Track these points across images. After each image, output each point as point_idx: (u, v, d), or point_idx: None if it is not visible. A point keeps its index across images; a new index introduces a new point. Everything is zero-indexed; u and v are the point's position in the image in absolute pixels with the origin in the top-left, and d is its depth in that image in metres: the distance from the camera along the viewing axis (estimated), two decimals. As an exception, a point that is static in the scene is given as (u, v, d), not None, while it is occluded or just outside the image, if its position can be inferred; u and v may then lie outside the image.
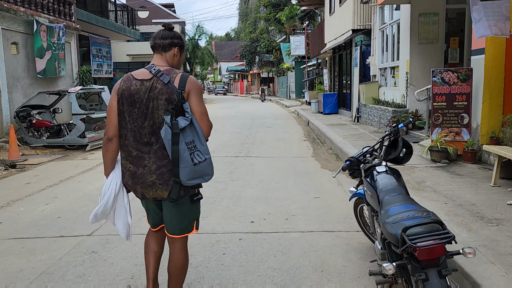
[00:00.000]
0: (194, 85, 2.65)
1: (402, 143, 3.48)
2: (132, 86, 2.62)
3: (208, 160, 2.59)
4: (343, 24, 15.89)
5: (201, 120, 2.61)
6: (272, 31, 45.51)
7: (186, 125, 2.54)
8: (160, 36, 2.74)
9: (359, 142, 9.52)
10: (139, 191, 2.70)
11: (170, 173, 2.59)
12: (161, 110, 2.57)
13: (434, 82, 7.17)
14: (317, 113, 19.13)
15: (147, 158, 2.63)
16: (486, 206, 4.53)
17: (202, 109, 2.64)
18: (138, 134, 2.63)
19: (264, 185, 6.74)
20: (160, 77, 2.59)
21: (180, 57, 2.81)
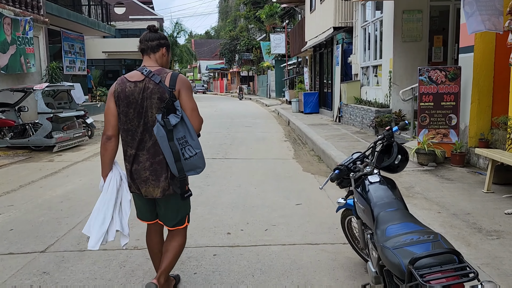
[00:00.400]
0: (184, 83, 2.77)
1: (397, 148, 3.07)
2: (127, 88, 2.74)
3: (199, 154, 2.72)
4: (324, 21, 15.54)
5: (192, 116, 2.74)
6: (252, 29, 45.05)
7: (177, 122, 2.65)
8: (147, 38, 2.85)
9: (341, 143, 9.16)
10: (134, 186, 2.84)
11: (162, 170, 2.74)
12: (154, 109, 2.70)
13: (421, 81, 6.83)
14: (297, 112, 18.77)
15: (141, 155, 2.77)
16: (483, 216, 4.17)
17: (192, 106, 2.76)
18: (134, 133, 2.77)
19: (242, 190, 6.28)
20: (151, 77, 2.71)
21: (168, 56, 2.94)
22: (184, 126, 2.69)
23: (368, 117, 10.64)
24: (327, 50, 16.55)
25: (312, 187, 6.46)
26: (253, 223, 4.80)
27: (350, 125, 12.52)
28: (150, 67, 2.80)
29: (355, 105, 12.04)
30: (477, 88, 6.49)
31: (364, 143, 9.07)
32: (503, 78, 6.48)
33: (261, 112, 22.71)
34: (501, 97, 6.52)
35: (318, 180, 6.89)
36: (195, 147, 2.71)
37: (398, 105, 10.11)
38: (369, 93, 11.99)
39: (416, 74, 10.08)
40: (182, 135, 2.68)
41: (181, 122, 2.68)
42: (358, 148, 8.43)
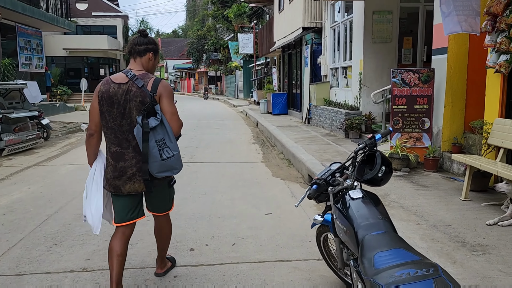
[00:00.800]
0: (166, 88, 2.93)
1: (381, 159, 2.73)
2: (111, 89, 2.87)
3: (176, 155, 2.90)
4: (293, 21, 15.29)
5: (171, 120, 2.90)
6: (220, 29, 44.50)
7: (157, 124, 2.80)
8: (136, 42, 2.98)
9: (312, 146, 8.87)
10: (115, 185, 2.95)
11: (147, 167, 2.89)
12: (135, 111, 2.85)
13: (393, 83, 6.61)
14: (266, 113, 18.46)
15: (126, 153, 2.92)
16: (464, 228, 3.93)
17: (172, 110, 2.93)
18: (117, 131, 2.91)
19: (208, 198, 5.85)
20: (135, 81, 2.86)
21: (155, 60, 3.06)
22: (163, 128, 2.85)
23: (338, 119, 10.42)
24: (296, 51, 16.32)
25: (282, 194, 6.11)
26: (220, 237, 4.39)
27: (320, 127, 12.29)
28: (135, 71, 2.94)
29: (325, 107, 11.81)
30: (451, 91, 6.32)
31: (334, 146, 8.82)
32: (476, 81, 6.35)
33: (229, 113, 22.27)
34: (474, 101, 6.39)
35: (289, 186, 6.55)
36: (173, 149, 2.88)
37: (368, 107, 9.94)
38: (339, 95, 11.80)
39: (386, 76, 9.99)
40: (161, 137, 2.84)
41: (161, 125, 2.84)
42: (329, 151, 8.16)
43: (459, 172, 5.95)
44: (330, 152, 8.05)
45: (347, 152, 7.98)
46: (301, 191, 6.28)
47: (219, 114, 20.72)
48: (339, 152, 8.02)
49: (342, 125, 9.89)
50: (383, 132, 2.87)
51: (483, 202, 4.70)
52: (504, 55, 4.82)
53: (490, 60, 5.04)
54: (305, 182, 6.84)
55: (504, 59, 4.79)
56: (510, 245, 3.50)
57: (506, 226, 3.91)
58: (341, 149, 8.35)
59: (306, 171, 6.91)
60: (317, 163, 7.00)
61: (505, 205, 4.37)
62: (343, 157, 7.54)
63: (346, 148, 8.43)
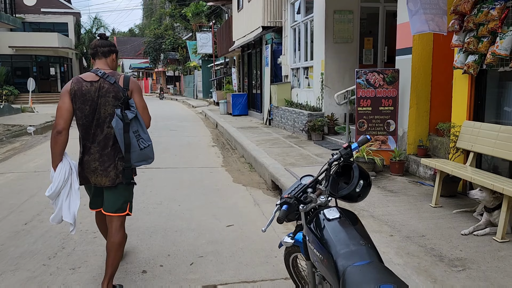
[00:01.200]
0: (136, 85, 3.17)
1: (359, 172, 2.40)
2: (83, 87, 3.02)
3: (150, 146, 3.11)
4: (252, 21, 14.95)
5: (143, 114, 3.12)
6: (178, 28, 43.58)
7: (133, 117, 3.00)
8: (100, 44, 3.20)
9: (274, 149, 8.54)
10: (84, 176, 3.13)
11: (110, 161, 3.05)
12: (108, 106, 3.01)
13: (358, 84, 6.38)
14: (226, 114, 18.03)
15: (92, 147, 3.07)
16: (439, 239, 3.69)
17: (144, 104, 3.17)
18: (88, 127, 3.06)
19: (164, 208, 5.38)
20: (106, 78, 3.04)
21: (116, 61, 3.31)
22: (137, 121, 3.04)
23: (301, 120, 10.17)
24: (256, 50, 15.99)
25: (244, 202, 5.73)
26: (176, 255, 3.95)
27: (282, 128, 12.01)
28: (104, 69, 3.13)
29: (286, 108, 11.54)
30: (416, 92, 6.16)
31: (297, 149, 8.53)
32: (440, 82, 6.23)
33: (187, 114, 21.66)
34: (439, 102, 6.27)
35: (251, 193, 6.18)
36: (147, 140, 3.08)
37: (330, 108, 9.74)
38: (300, 96, 11.56)
39: (348, 76, 9.83)
40: (136, 129, 3.03)
41: (135, 118, 3.03)
42: (292, 155, 7.85)
43: (425, 175, 5.79)
44: (293, 156, 7.75)
45: (311, 156, 7.71)
46: (264, 198, 5.93)
47: (177, 115, 20.08)
48: (303, 156, 7.73)
49: (305, 126, 9.63)
50: (360, 141, 2.53)
51: (454, 208, 4.51)
52: (472, 56, 4.66)
53: (457, 60, 4.88)
54: (268, 188, 6.50)
55: (473, 59, 4.63)
56: (489, 258, 3.28)
57: (482, 236, 3.70)
58: (305, 152, 8.07)
59: (269, 176, 6.56)
60: (280, 167, 6.67)
61: (478, 212, 4.19)
62: (307, 161, 7.26)
63: (309, 151, 8.16)
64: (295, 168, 6.65)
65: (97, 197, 3.29)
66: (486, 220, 3.86)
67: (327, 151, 8.08)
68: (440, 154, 5.98)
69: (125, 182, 3.12)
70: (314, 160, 7.26)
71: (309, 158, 7.46)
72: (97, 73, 3.07)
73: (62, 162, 3.06)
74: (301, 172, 6.34)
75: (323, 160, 7.26)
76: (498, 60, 4.35)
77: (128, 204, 3.24)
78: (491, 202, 3.80)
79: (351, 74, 9.78)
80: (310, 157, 7.56)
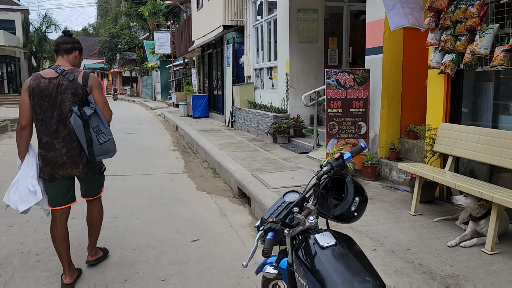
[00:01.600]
0: (95, 81, 3.27)
1: (354, 188, 2.03)
2: (41, 84, 3.12)
3: (111, 140, 3.29)
4: (212, 19, 14.47)
5: (103, 109, 3.26)
6: (134, 27, 42.24)
7: (92, 113, 3.15)
8: (63, 41, 3.29)
9: (239, 153, 8.12)
10: (48, 172, 3.20)
11: (78, 154, 3.22)
12: (67, 102, 3.14)
13: (328, 85, 6.08)
14: (186, 116, 17.42)
15: (57, 143, 3.17)
16: (426, 252, 3.40)
17: (103, 100, 3.31)
18: (48, 123, 3.15)
19: (120, 223, 4.84)
20: (65, 75, 3.15)
21: (80, 58, 3.40)
22: (97, 117, 3.15)
23: (265, 122, 9.81)
24: (217, 50, 15.51)
25: (209, 212, 5.28)
26: (134, 279, 3.45)
27: (245, 131, 11.61)
28: (63, 66, 3.20)
29: (250, 110, 11.15)
30: (387, 93, 5.94)
31: (263, 153, 8.15)
32: (410, 83, 6.05)
33: (145, 116, 20.85)
34: (410, 104, 6.08)
35: (216, 202, 5.74)
36: (107, 134, 3.20)
37: (296, 110, 9.44)
38: (264, 97, 11.21)
39: (313, 77, 9.57)
40: (96, 124, 3.14)
41: (95, 113, 3.13)
42: (258, 159, 7.46)
43: (399, 180, 5.56)
44: (259, 160, 7.36)
45: (278, 160, 7.35)
46: (230, 207, 5.50)
47: (135, 118, 19.24)
48: (270, 160, 7.36)
49: (270, 129, 9.28)
50: (353, 150, 2.16)
51: (434, 216, 4.26)
52: (449, 55, 4.45)
53: (433, 60, 4.66)
54: (234, 196, 6.07)
55: (450, 58, 4.42)
56: (482, 274, 3.02)
57: (470, 247, 3.45)
58: (271, 156, 7.70)
59: (235, 183, 6.14)
60: (247, 173, 6.26)
61: (461, 220, 3.96)
62: (275, 165, 6.89)
63: (276, 155, 7.81)
64: (263, 174, 6.26)
65: (66, 190, 3.33)
66: (472, 229, 3.62)
67: (295, 155, 7.76)
68: (413, 158, 5.78)
69: (91, 174, 3.35)
70: (282, 165, 6.91)
71: (277, 163, 7.10)
72: (57, 70, 3.16)
73: (29, 152, 3.25)
74: (269, 178, 5.96)
75: (291, 164, 6.92)
76: (477, 59, 4.15)
77: (102, 185, 3.62)
78: (477, 210, 3.56)
79: (317, 75, 9.54)
80: (278, 162, 7.20)
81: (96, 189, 3.54)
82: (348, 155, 2.12)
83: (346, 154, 2.12)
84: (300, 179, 5.91)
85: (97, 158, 3.25)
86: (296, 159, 7.38)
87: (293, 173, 6.25)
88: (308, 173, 6.26)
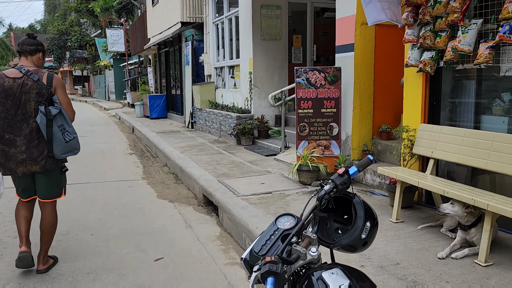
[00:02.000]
0: (59, 82, 3.41)
1: (364, 210, 1.67)
2: (6, 83, 3.23)
3: (76, 138, 3.42)
4: (169, 16, 13.85)
5: (67, 109, 3.39)
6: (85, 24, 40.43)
7: (57, 112, 3.28)
8: (27, 43, 3.40)
9: (202, 156, 7.65)
10: (10, 168, 3.32)
11: (38, 152, 3.31)
12: (32, 102, 3.26)
13: (298, 84, 5.75)
14: (143, 117, 16.66)
15: (18, 140, 3.29)
16: (416, 266, 3.12)
17: (67, 100, 3.44)
18: (11, 121, 3.27)
19: (71, 241, 4.28)
20: (30, 75, 3.27)
21: (43, 59, 3.52)
22: (62, 116, 3.32)
23: (228, 123, 9.38)
24: (174, 48, 14.88)
25: (173, 224, 4.81)
26: (89, 313, 2.94)
27: (206, 132, 11.12)
28: (28, 67, 3.34)
29: (211, 110, 10.68)
30: (359, 92, 5.69)
31: (228, 155, 7.73)
32: (382, 82, 5.83)
33: (99, 117, 19.83)
34: (381, 103, 5.87)
35: (180, 211, 5.27)
36: (72, 133, 3.37)
37: (260, 110, 9.09)
38: (226, 97, 10.77)
39: (277, 76, 9.24)
40: (61, 123, 3.32)
41: (60, 113, 3.30)
42: (224, 163, 7.03)
43: (373, 183, 5.31)
44: (225, 164, 6.93)
45: (244, 163, 6.95)
46: (196, 218, 5.05)
47: (87, 119, 18.19)
48: (235, 164, 6.94)
49: (233, 130, 8.86)
50: (359, 164, 1.79)
51: (416, 222, 4.02)
52: (428, 52, 4.22)
53: (411, 57, 4.42)
54: (199, 204, 5.63)
55: (429, 56, 4.19)
56: (482, 290, 2.75)
57: (461, 259, 3.20)
58: (237, 160, 7.29)
59: (200, 190, 5.69)
60: (213, 180, 5.82)
61: (446, 228, 3.72)
62: (242, 170, 6.48)
63: (242, 158, 7.40)
64: (230, 179, 5.84)
65: (29, 186, 3.47)
66: (462, 238, 3.39)
67: (261, 157, 7.38)
68: (386, 159, 5.56)
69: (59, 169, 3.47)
70: (249, 169, 6.51)
71: (243, 167, 6.70)
72: (21, 70, 3.28)
73: None
74: (237, 184, 5.55)
75: (259, 168, 6.54)
76: (459, 57, 3.94)
77: (63, 188, 3.61)
78: (465, 218, 3.32)
79: (281, 73, 9.23)
80: (244, 165, 6.80)
81: (56, 190, 3.54)
82: (354, 169, 1.76)
83: (352, 169, 1.76)
84: (270, 184, 5.54)
85: (62, 155, 3.35)
86: (263, 162, 7.01)
87: (262, 178, 5.87)
88: (278, 177, 5.90)
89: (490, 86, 3.99)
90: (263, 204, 4.73)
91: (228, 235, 4.50)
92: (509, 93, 3.76)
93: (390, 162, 5.47)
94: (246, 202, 4.79)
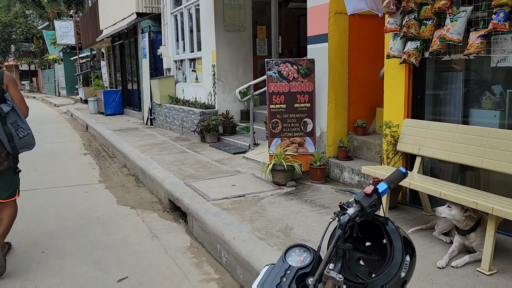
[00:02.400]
0: (10, 78, 3.41)
1: (402, 243, 1.30)
2: None
3: (30, 133, 3.44)
4: (123, 6, 13.03)
5: (20, 105, 3.41)
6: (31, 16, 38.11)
7: (9, 110, 3.28)
8: None
9: (164, 156, 7.12)
10: None
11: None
12: None
13: (269, 77, 5.35)
14: (97, 114, 15.74)
15: None
16: (417, 279, 2.82)
17: (20, 97, 3.45)
18: None
19: (18, 260, 3.69)
20: None
21: None
22: (15, 113, 3.33)
23: (191, 120, 8.86)
24: (130, 40, 14.07)
25: (137, 234, 4.31)
26: None
27: (167, 129, 10.53)
28: None
29: (172, 106, 10.10)
30: (333, 86, 5.37)
31: (193, 154, 7.23)
32: (356, 75, 5.56)
33: (49, 114, 18.63)
34: (356, 97, 5.60)
35: (144, 219, 4.77)
36: (26, 129, 3.39)
37: (224, 105, 8.63)
38: (188, 91, 10.21)
39: (242, 69, 8.81)
40: (14, 120, 3.32)
41: (12, 110, 3.31)
42: (189, 163, 6.54)
43: (352, 182, 5.03)
44: (190, 164, 6.45)
45: (211, 163, 6.49)
46: (162, 225, 4.57)
47: (36, 116, 16.97)
48: (202, 163, 6.47)
49: (197, 127, 8.35)
50: (390, 179, 1.41)
51: (405, 225, 3.74)
52: (412, 42, 3.94)
53: (393, 48, 4.13)
54: (164, 209, 5.14)
55: (414, 46, 3.91)
56: (494, 305, 2.48)
57: (462, 267, 2.94)
58: (203, 159, 6.82)
59: (165, 194, 5.19)
60: (179, 182, 5.34)
61: (439, 230, 3.46)
62: (210, 170, 6.02)
63: (208, 157, 6.94)
64: (198, 181, 5.38)
65: None
66: (460, 244, 3.13)
67: (229, 156, 6.95)
68: (363, 156, 5.29)
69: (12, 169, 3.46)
70: (217, 169, 6.07)
71: (211, 166, 6.25)
72: None
73: None
74: (206, 187, 5.10)
75: (228, 168, 6.11)
76: (446, 47, 3.68)
77: (17, 190, 3.63)
78: (464, 222, 3.06)
79: (245, 66, 8.81)
80: (212, 165, 6.35)
81: (11, 191, 3.54)
82: (385, 186, 1.38)
83: (381, 185, 1.38)
84: (242, 186, 5.13)
85: (15, 152, 3.37)
86: (232, 160, 6.59)
87: (232, 179, 5.45)
88: (249, 178, 5.50)
89: (479, 78, 3.76)
90: (237, 209, 4.32)
91: (199, 245, 4.07)
92: (500, 85, 3.54)
93: (368, 159, 5.21)
94: (218, 207, 4.36)
